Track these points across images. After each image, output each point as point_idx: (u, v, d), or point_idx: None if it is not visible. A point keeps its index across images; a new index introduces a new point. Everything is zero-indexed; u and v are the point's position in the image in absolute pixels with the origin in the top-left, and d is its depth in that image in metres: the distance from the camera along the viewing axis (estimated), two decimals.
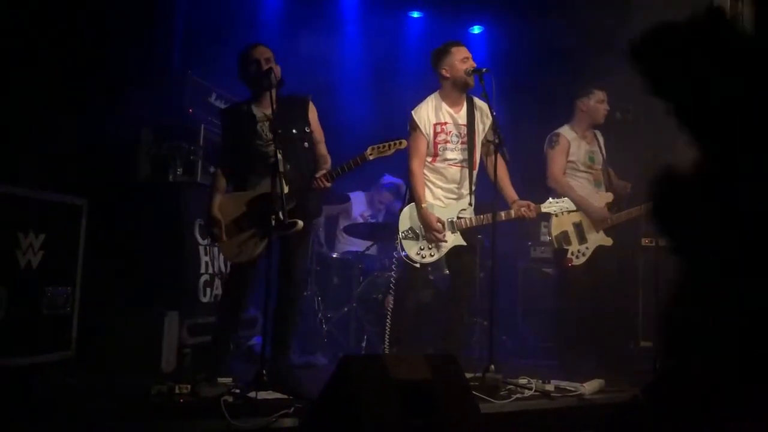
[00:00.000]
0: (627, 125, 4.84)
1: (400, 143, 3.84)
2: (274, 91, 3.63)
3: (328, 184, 3.71)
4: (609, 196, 4.86)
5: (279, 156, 3.49)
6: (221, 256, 4.65)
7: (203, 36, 5.35)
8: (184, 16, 5.34)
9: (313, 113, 3.96)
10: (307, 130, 3.86)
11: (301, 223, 3.56)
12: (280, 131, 3.61)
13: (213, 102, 5.08)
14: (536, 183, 5.03)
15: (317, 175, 3.72)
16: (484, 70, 4.05)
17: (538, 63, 6.40)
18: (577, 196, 4.74)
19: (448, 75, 4.29)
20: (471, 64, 4.24)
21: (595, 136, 4.99)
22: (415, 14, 6.83)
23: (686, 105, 1.54)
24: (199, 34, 5.36)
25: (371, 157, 3.74)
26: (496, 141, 3.90)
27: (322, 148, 3.98)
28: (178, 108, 4.79)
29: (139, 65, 4.85)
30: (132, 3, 4.90)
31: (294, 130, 3.79)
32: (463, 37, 6.98)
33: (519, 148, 5.20)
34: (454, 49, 4.28)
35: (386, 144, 3.78)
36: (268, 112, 3.79)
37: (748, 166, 1.44)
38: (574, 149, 4.88)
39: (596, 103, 4.88)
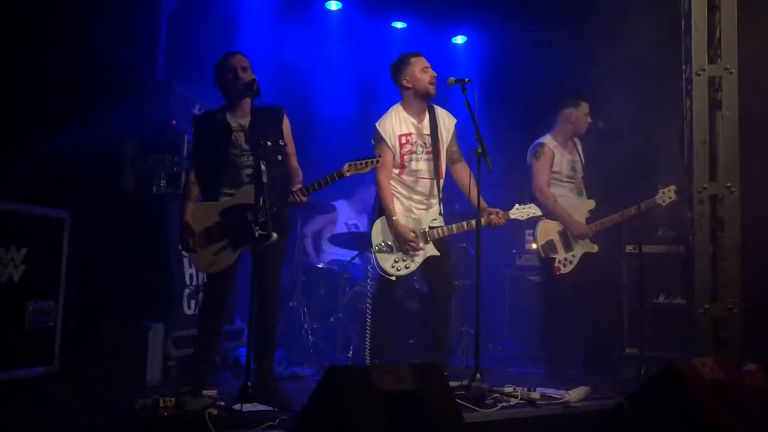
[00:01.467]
0: (609, 133, 4.89)
1: (377, 161, 3.87)
2: (249, 101, 3.63)
3: (304, 199, 3.72)
4: (591, 203, 4.91)
5: (263, 167, 3.49)
6: None
7: (187, 48, 5.34)
8: (167, 29, 5.33)
9: (287, 126, 3.97)
10: (281, 143, 3.86)
11: (275, 235, 3.57)
12: (262, 142, 3.61)
13: (197, 114, 5.07)
14: (521, 191, 5.07)
15: (294, 189, 3.73)
16: (466, 80, 4.08)
17: (522, 72, 6.45)
18: (561, 211, 4.79)
19: (409, 85, 4.32)
20: (431, 74, 4.28)
21: (576, 145, 5.04)
22: (399, 25, 6.86)
23: None
24: (183, 47, 5.35)
25: (348, 174, 3.77)
26: (479, 150, 3.92)
27: (294, 161, 3.99)
28: (161, 120, 4.77)
29: (122, 77, 4.83)
30: (115, 15, 4.89)
31: (268, 143, 3.80)
32: (446, 47, 7.03)
33: (502, 157, 5.24)
34: (413, 60, 4.32)
35: (363, 161, 3.81)
36: (243, 121, 3.81)
37: None
38: (558, 159, 4.92)
39: (583, 114, 4.94)
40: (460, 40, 7.09)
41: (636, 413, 3.25)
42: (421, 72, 4.28)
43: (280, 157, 3.85)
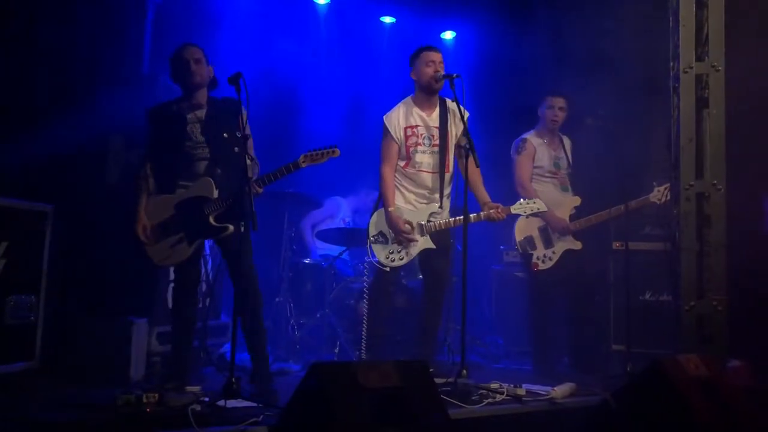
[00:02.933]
0: (598, 130, 4.89)
1: (333, 152, 3.81)
2: (205, 93, 3.65)
3: (260, 190, 3.70)
4: (576, 200, 4.91)
5: (215, 161, 3.49)
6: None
7: (173, 41, 5.28)
8: (154, 22, 5.28)
9: (245, 118, 3.93)
10: (238, 134, 3.80)
11: (231, 227, 3.56)
12: (216, 135, 3.60)
13: (151, 107, 5.01)
14: (510, 186, 5.06)
15: (252, 181, 3.70)
16: (454, 75, 4.07)
17: (511, 68, 6.44)
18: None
19: (415, 78, 4.35)
20: (436, 68, 4.26)
21: (562, 141, 5.03)
22: (387, 19, 6.82)
23: None
24: (170, 40, 5.29)
25: (303, 164, 3.74)
26: (467, 145, 3.92)
27: (251, 152, 3.96)
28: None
29: (108, 70, 4.79)
30: (101, 8, 4.84)
31: (225, 134, 3.77)
32: (435, 42, 7.00)
33: (491, 152, 5.24)
34: (423, 54, 4.32)
35: (319, 152, 3.77)
36: (199, 113, 3.81)
37: None
38: (540, 155, 4.92)
39: (558, 108, 4.93)
40: (449, 35, 7.07)
41: (621, 410, 3.25)
42: (425, 66, 4.27)
43: (236, 149, 3.80)
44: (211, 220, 3.68)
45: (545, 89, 5.07)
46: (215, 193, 3.65)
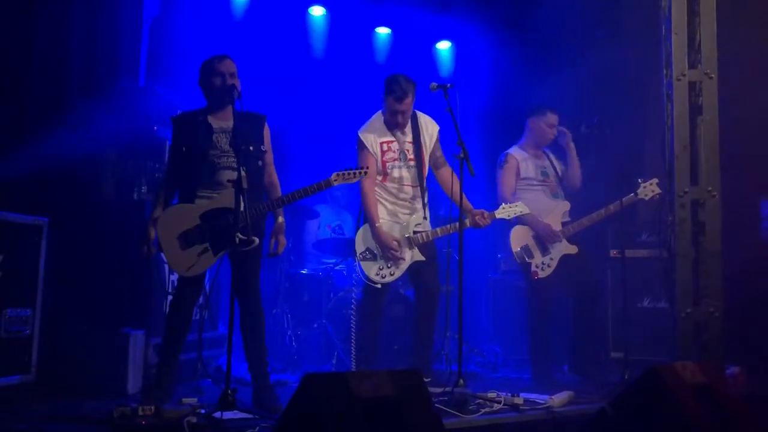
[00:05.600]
0: (592, 138, 4.91)
1: (365, 172, 3.87)
2: (231, 106, 3.64)
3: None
4: (566, 205, 4.92)
5: (242, 173, 3.48)
6: None
7: (169, 54, 5.31)
8: (149, 33, 5.30)
9: (267, 133, 3.97)
10: (263, 149, 3.87)
11: (257, 240, 3.56)
12: (243, 147, 3.60)
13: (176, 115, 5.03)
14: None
15: (281, 197, 3.76)
16: (447, 85, 4.08)
17: (505, 79, 6.46)
18: (527, 216, 4.76)
19: (384, 107, 4.33)
20: (399, 108, 4.23)
21: (546, 153, 5.05)
22: (382, 31, 6.83)
23: None
24: (165, 52, 5.32)
25: (335, 183, 3.78)
26: (461, 155, 3.92)
27: (272, 169, 4.00)
28: (143, 125, 4.74)
29: (104, 83, 4.80)
30: (97, 20, 4.86)
31: (251, 147, 3.78)
32: (430, 53, 7.02)
33: (484, 161, 5.25)
34: (388, 98, 4.26)
35: (351, 172, 3.82)
36: (225, 124, 3.81)
37: None
38: (525, 167, 4.96)
39: (546, 125, 4.95)
40: (444, 45, 7.09)
41: (618, 417, 3.23)
42: (393, 103, 4.23)
43: (260, 163, 3.85)
44: (238, 231, 3.63)
45: (538, 100, 5.09)
46: (242, 205, 3.61)
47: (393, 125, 4.32)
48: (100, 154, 4.65)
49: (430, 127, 4.41)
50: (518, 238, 4.84)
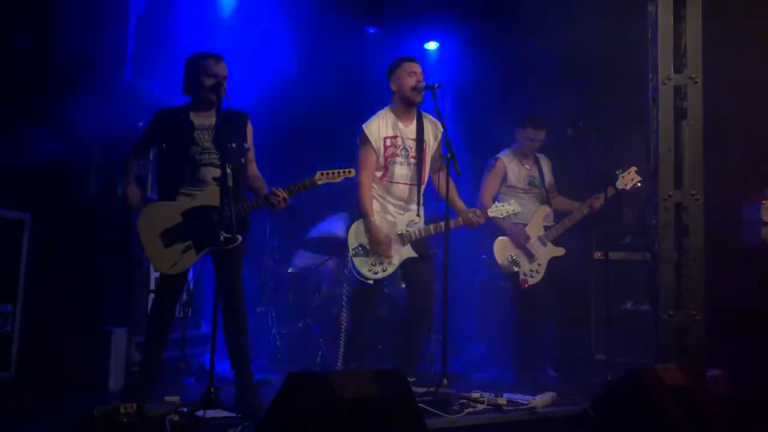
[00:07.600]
0: (578, 140, 4.94)
1: (350, 171, 3.86)
2: (216, 104, 3.65)
3: (284, 204, 3.71)
4: (545, 209, 4.96)
5: (228, 171, 3.47)
6: None
7: (155, 50, 5.27)
8: (136, 28, 5.25)
9: (250, 131, 3.96)
10: (245, 146, 3.86)
11: (240, 237, 3.55)
12: (228, 145, 3.58)
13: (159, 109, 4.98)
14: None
15: (275, 190, 3.72)
16: (436, 86, 4.09)
17: (495, 80, 6.48)
18: (501, 223, 4.78)
19: (395, 89, 4.34)
20: (417, 79, 4.26)
21: (537, 160, 5.08)
22: (372, 30, 6.83)
23: None
24: (151, 48, 5.27)
25: (320, 182, 3.77)
26: (448, 156, 3.93)
27: (255, 167, 3.98)
28: (128, 121, 4.70)
29: (89, 78, 4.75)
30: (82, 15, 4.81)
31: (233, 144, 3.77)
32: (418, 53, 7.02)
33: (471, 163, 5.26)
34: (404, 64, 4.32)
35: (336, 171, 3.82)
36: (207, 122, 3.79)
37: None
38: (513, 173, 4.99)
39: (526, 139, 5.00)
40: (432, 45, 7.10)
41: (600, 419, 3.26)
42: (407, 77, 4.27)
43: (243, 161, 3.84)
44: (221, 229, 3.60)
45: (525, 103, 5.13)
46: (224, 203, 3.56)
47: (409, 102, 4.29)
48: (84, 149, 4.60)
49: (434, 128, 4.41)
50: (501, 250, 4.86)
